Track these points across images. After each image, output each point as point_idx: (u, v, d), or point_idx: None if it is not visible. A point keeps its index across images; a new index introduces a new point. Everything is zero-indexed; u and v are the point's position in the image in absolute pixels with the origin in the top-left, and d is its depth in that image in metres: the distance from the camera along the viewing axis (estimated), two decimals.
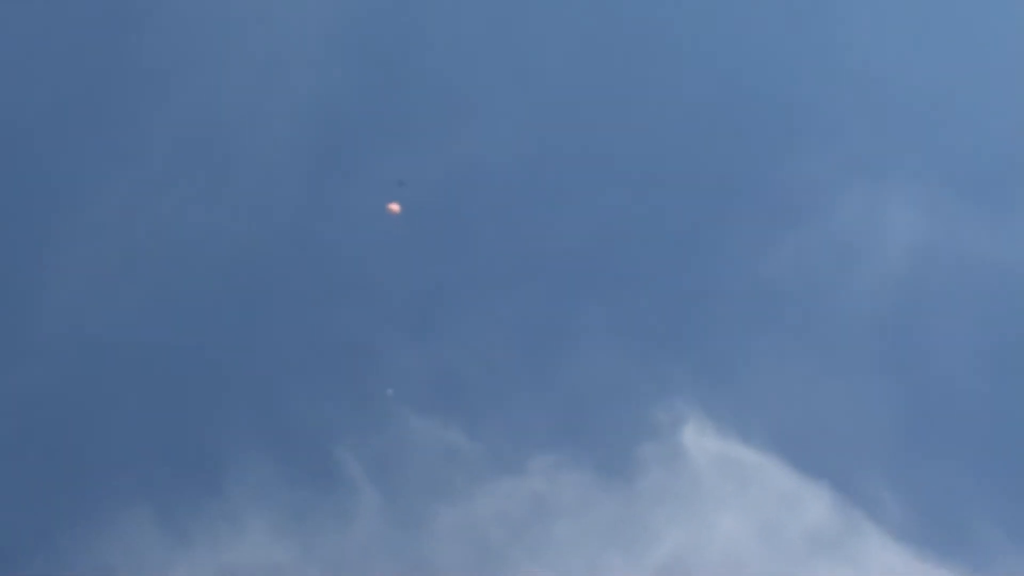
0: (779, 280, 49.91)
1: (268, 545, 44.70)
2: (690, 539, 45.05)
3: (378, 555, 44.85)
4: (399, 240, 49.58)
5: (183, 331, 48.06)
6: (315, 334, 48.81)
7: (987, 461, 46.82)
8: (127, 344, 47.53)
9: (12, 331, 47.15)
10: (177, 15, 53.00)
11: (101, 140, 50.99)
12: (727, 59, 53.82)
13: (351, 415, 46.80)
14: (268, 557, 44.54)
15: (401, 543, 45.03)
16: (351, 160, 51.26)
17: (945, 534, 45.13)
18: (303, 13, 53.35)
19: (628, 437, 46.69)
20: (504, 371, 47.98)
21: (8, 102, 51.41)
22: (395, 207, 48.56)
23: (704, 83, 53.29)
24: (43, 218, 49.41)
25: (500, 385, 47.79)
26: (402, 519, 45.33)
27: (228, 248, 49.63)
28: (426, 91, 53.01)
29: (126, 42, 52.56)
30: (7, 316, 47.31)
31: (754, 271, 49.98)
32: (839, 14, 54.91)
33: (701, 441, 46.24)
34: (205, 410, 47.03)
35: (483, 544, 45.08)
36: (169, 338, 47.79)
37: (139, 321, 48.04)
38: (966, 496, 45.85)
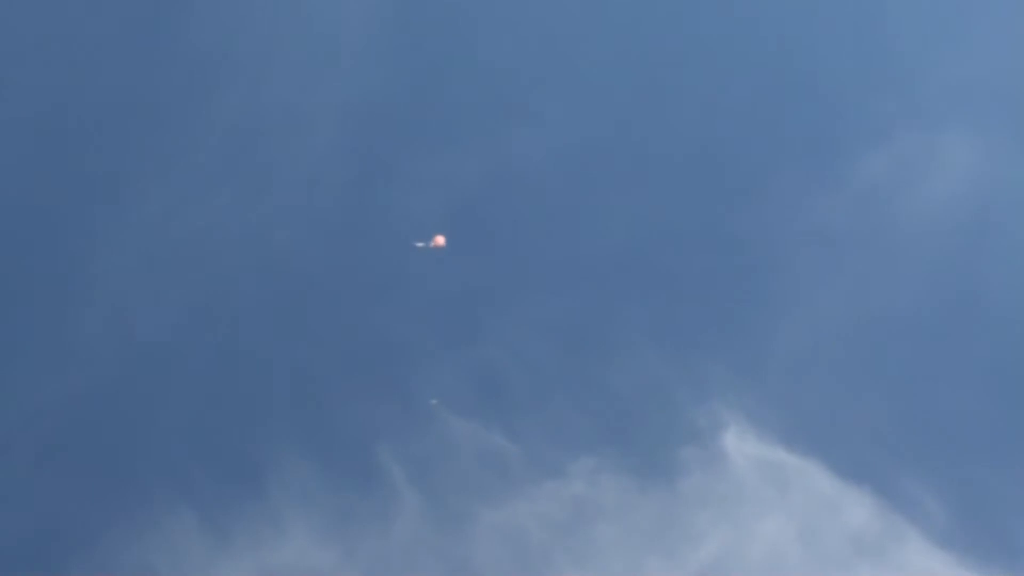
0: (821, 285, 49.80)
1: (310, 546, 45.02)
2: (731, 543, 45.11)
3: (420, 555, 45.12)
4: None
5: (228, 333, 48.24)
6: (359, 337, 48.90)
7: None
8: (172, 346, 47.70)
9: (59, 332, 47.39)
10: (231, 18, 53.48)
11: (148, 142, 51.29)
12: (772, 45, 54.23)
13: (396, 418, 47.08)
14: (310, 556, 44.91)
15: (442, 544, 45.27)
16: (395, 162, 51.50)
17: (989, 541, 45.02)
18: (351, 17, 53.66)
19: (670, 440, 46.83)
20: (547, 374, 48.05)
21: (61, 103, 51.73)
22: (441, 240, 48.37)
23: (751, 73, 53.62)
24: (91, 219, 49.73)
25: (543, 388, 47.94)
26: (443, 520, 45.57)
27: (273, 251, 49.83)
28: (470, 95, 53.25)
29: (174, 45, 52.90)
30: (54, 317, 47.58)
31: (795, 279, 49.93)
32: None
33: (742, 446, 46.22)
34: (251, 413, 47.24)
35: (524, 545, 45.35)
36: (214, 340, 47.97)
37: (185, 323, 48.19)
38: (1012, 501, 45.73)
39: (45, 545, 44.43)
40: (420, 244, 47.85)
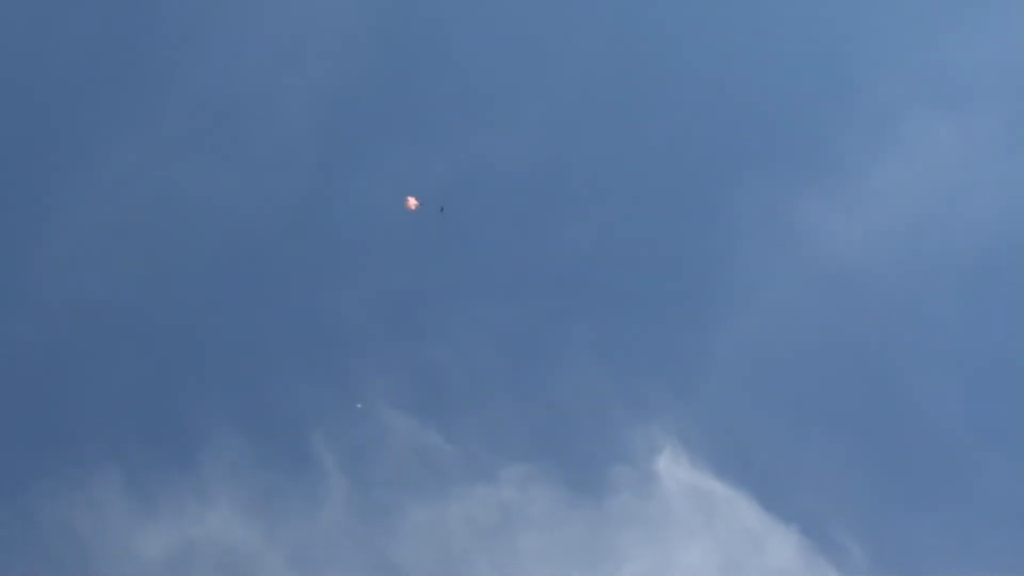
0: (769, 315, 50.63)
1: (233, 522, 45.42)
2: (653, 567, 45.75)
3: (342, 543, 45.59)
4: (399, 237, 50.21)
5: (176, 302, 48.72)
6: (307, 321, 49.43)
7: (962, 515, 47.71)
8: (119, 309, 48.11)
9: (8, 283, 47.69)
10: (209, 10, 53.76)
11: (118, 108, 51.81)
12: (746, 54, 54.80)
13: (333, 405, 47.56)
14: (232, 532, 45.31)
15: (367, 535, 45.71)
16: (361, 156, 52.05)
17: None
18: (324, 12, 54.25)
19: (603, 457, 47.48)
20: (488, 378, 48.64)
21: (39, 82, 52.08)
22: (412, 202, 48.72)
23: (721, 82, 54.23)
24: (53, 176, 50.14)
25: (483, 392, 48.47)
26: (369, 511, 46.06)
27: (230, 227, 50.31)
28: (439, 94, 53.78)
29: (154, 18, 53.35)
30: (4, 268, 47.84)
31: (745, 308, 50.70)
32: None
33: (674, 470, 46.90)
34: (191, 383, 47.73)
35: (447, 546, 45.89)
36: (161, 307, 48.45)
37: (133, 287, 48.66)
38: (928, 546, 46.76)
39: None
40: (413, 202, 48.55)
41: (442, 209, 47.12)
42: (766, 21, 55.49)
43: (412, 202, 46.97)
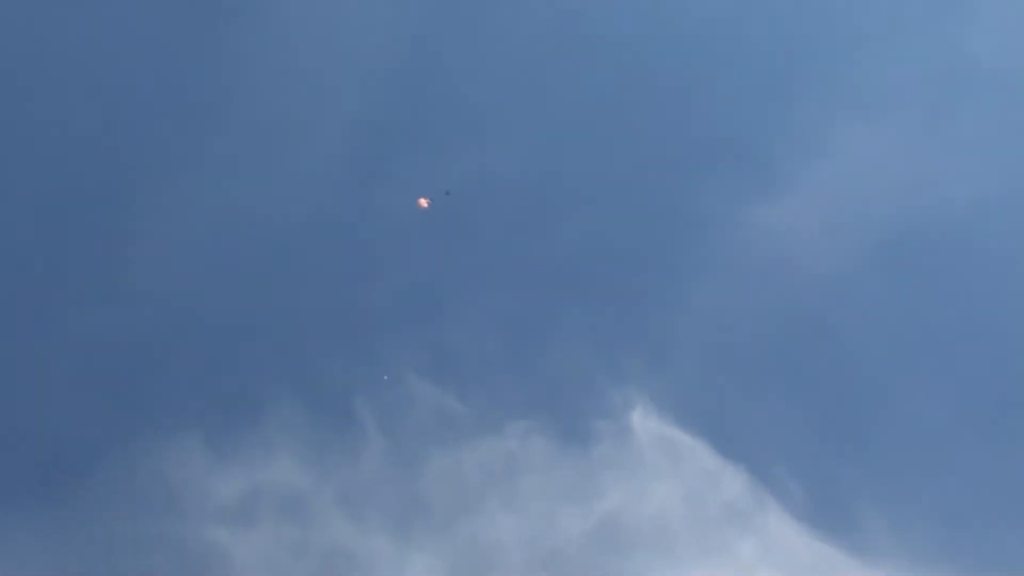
0: (727, 304, 56.70)
1: (292, 470, 52.74)
2: (629, 498, 52.44)
3: (380, 485, 52.44)
4: (419, 239, 56.55)
5: (242, 296, 55.89)
6: (347, 309, 56.09)
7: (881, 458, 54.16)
8: (198, 301, 55.36)
9: (110, 284, 55.26)
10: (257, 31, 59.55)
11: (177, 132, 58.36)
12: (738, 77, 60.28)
13: (369, 376, 54.68)
14: (291, 477, 52.59)
15: (398, 478, 52.75)
16: (388, 163, 57.81)
17: (834, 515, 52.53)
18: (355, 44, 60.25)
19: (588, 414, 53.93)
20: (494, 353, 55.36)
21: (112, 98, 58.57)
22: (424, 202, 53.80)
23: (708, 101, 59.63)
24: (134, 199, 56.95)
25: (490, 365, 55.13)
26: (401, 459, 53.07)
27: (279, 234, 56.91)
28: (450, 112, 59.54)
29: (202, 50, 59.18)
30: (110, 268, 55.45)
31: (706, 299, 56.70)
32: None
33: (645, 423, 53.54)
34: (253, 362, 55.01)
35: (464, 486, 52.72)
36: (231, 300, 55.73)
37: (208, 286, 55.78)
38: (857, 486, 53.11)
39: (75, 452, 52.37)
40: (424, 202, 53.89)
41: (448, 192, 53.26)
42: (715, 38, 61.04)
43: (423, 202, 53.25)
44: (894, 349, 55.74)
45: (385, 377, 54.13)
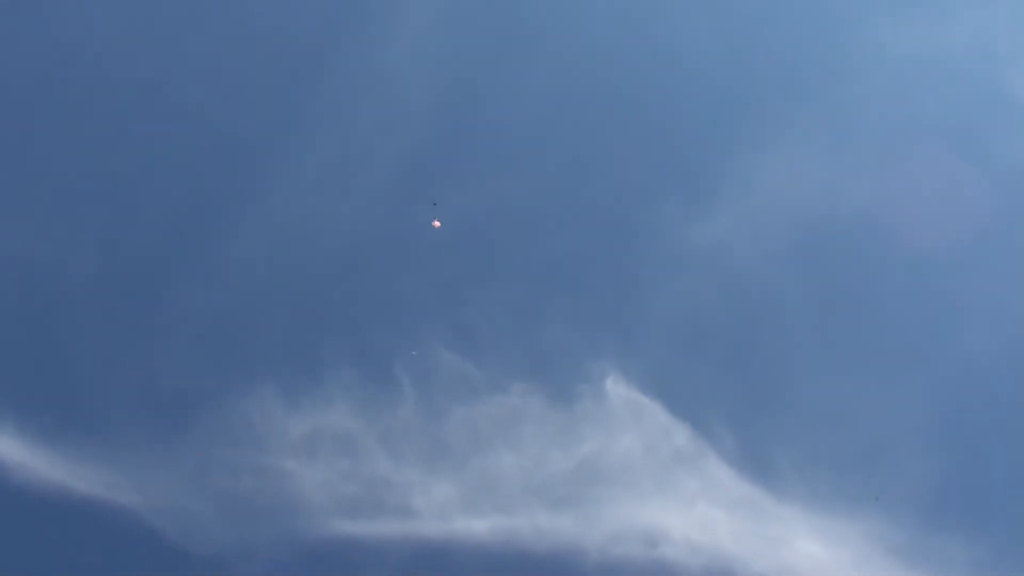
0: (699, 296, 61.49)
1: (346, 417, 61.84)
2: (601, 446, 60.91)
3: (413, 430, 60.90)
4: (431, 248, 60.38)
5: (313, 280, 63.16)
6: (382, 297, 63.11)
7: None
8: (278, 285, 63.20)
9: (217, 270, 62.65)
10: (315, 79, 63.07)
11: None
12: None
13: (405, 345, 63.17)
14: (346, 422, 61.67)
15: (428, 426, 61.27)
16: (426, 183, 61.01)
17: (760, 462, 59.30)
18: (409, 81, 65.01)
19: (573, 380, 61.06)
20: (502, 331, 62.95)
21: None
22: (437, 224, 57.57)
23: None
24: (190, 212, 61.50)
25: (499, 340, 62.94)
26: (429, 411, 61.26)
27: (343, 241, 60.49)
28: (478, 145, 62.79)
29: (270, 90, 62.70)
30: (224, 254, 61.86)
31: (674, 292, 62.55)
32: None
33: (616, 389, 60.89)
34: (316, 333, 63.50)
35: (477, 433, 61.07)
36: (305, 287, 63.35)
37: (289, 275, 62.49)
38: (775, 439, 60.41)
39: (190, 396, 59.72)
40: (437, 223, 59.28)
41: (435, 204, 59.32)
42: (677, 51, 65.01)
43: (436, 224, 60.31)
44: (810, 329, 59.72)
45: (414, 352, 62.27)
